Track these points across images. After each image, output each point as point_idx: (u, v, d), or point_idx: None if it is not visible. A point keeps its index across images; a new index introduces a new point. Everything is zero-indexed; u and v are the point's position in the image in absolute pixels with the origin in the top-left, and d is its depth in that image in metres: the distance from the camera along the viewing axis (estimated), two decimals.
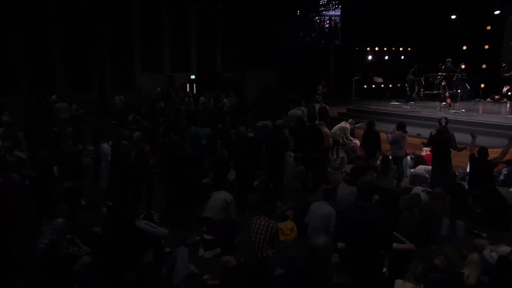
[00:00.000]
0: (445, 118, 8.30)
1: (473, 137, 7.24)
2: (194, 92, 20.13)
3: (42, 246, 4.83)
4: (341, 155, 10.62)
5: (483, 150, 6.94)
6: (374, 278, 3.67)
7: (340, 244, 5.62)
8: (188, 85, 21.02)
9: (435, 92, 15.96)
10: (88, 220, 6.31)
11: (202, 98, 15.54)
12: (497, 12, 16.85)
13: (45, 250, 4.48)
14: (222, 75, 20.81)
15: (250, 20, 20.30)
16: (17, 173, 5.65)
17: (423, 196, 6.45)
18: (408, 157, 9.42)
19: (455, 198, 6.47)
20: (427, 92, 16.00)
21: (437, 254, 5.21)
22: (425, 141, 9.67)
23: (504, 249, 5.32)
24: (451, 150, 7.68)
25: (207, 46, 21.54)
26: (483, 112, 13.14)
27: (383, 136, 9.04)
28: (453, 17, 17.36)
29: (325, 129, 9.55)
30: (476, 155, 7.00)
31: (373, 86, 18.38)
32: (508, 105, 14.70)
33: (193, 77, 21.23)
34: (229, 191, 6.51)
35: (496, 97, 15.68)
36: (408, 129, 9.07)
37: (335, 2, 20.17)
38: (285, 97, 18.81)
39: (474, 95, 15.98)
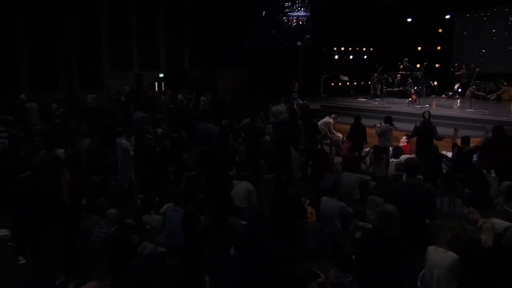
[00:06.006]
0: (428, 111, 9.32)
1: (455, 130, 8.32)
2: (162, 90, 20.16)
3: (101, 235, 5.10)
4: (325, 148, 11.43)
5: (466, 139, 8.00)
6: (420, 243, 4.39)
7: (362, 223, 6.40)
8: (156, 83, 21.00)
9: (396, 89, 17.43)
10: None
11: (180, 96, 15.73)
12: (447, 16, 18.54)
13: (114, 238, 4.76)
14: (191, 74, 21.00)
15: (218, 19, 20.70)
16: None
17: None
18: (390, 148, 10.40)
19: (445, 181, 7.46)
20: (389, 89, 17.39)
21: (444, 227, 6.13)
22: (404, 133, 10.80)
23: (495, 221, 6.30)
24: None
25: (175, 44, 21.60)
26: (444, 107, 14.52)
27: (370, 130, 9.95)
28: (409, 20, 18.82)
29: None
30: (459, 144, 8.06)
31: (340, 83, 19.53)
32: (459, 100, 16.38)
33: (161, 75, 21.23)
34: (251, 182, 7.03)
35: (450, 93, 17.29)
36: (382, 122, 10.02)
37: (299, 4, 21.08)
38: (255, 95, 19.44)
39: (430, 92, 17.50)
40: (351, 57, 20.36)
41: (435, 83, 17.73)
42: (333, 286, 3.87)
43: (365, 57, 20.49)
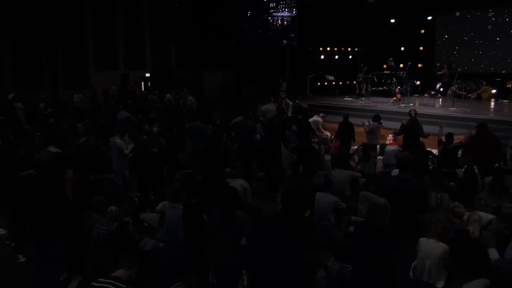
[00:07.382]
0: (414, 110, 9.61)
1: (441, 127, 8.59)
2: (148, 89, 20.11)
3: (102, 232, 5.18)
4: (314, 146, 11.66)
5: (449, 136, 8.30)
6: (412, 235, 4.61)
7: (355, 218, 6.62)
8: (142, 83, 20.94)
9: (380, 88, 17.80)
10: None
11: (168, 95, 15.75)
12: (429, 18, 19.02)
13: (116, 235, 4.84)
14: (177, 73, 21.02)
15: (204, 18, 20.76)
16: None
17: None
18: (378, 146, 10.67)
19: (432, 177, 7.74)
20: (374, 88, 17.75)
21: (433, 220, 6.40)
22: (391, 131, 11.08)
23: (480, 213, 6.60)
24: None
25: (161, 44, 21.54)
26: (428, 105, 14.92)
27: (357, 128, 10.20)
28: (392, 21, 19.24)
29: None
30: (444, 140, 8.37)
31: (326, 83, 19.83)
32: (441, 99, 16.83)
33: (147, 75, 21.17)
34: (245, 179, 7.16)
35: (432, 92, 17.75)
36: (370, 121, 10.30)
37: (283, 5, 21.31)
38: (242, 95, 19.58)
39: (413, 91, 17.92)
40: (336, 57, 20.70)
41: (418, 82, 18.19)
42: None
43: (350, 57, 20.85)
